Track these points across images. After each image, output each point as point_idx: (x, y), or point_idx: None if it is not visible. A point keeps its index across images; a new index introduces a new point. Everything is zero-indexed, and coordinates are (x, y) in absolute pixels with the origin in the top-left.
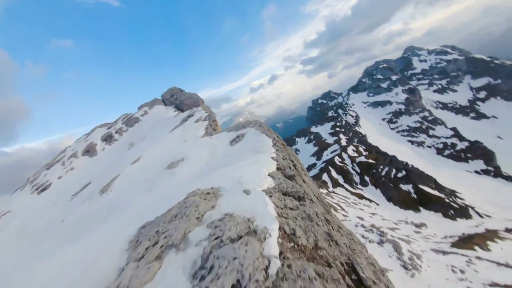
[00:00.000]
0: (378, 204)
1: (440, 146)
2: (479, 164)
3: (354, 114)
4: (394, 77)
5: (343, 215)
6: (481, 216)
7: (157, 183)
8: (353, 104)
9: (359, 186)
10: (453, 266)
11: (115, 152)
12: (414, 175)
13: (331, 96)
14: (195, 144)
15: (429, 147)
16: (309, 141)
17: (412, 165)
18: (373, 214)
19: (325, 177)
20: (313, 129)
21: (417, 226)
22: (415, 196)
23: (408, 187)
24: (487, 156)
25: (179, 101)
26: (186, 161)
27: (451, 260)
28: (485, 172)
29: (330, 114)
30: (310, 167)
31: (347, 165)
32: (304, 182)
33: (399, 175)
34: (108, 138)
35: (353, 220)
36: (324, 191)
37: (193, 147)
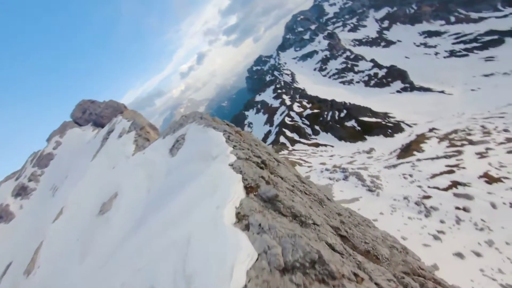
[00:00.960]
0: (333, 146)
1: (366, 78)
2: (398, 84)
3: (289, 73)
4: (312, 27)
5: (308, 166)
6: (410, 126)
7: (91, 242)
8: (285, 63)
9: (313, 137)
10: (404, 174)
11: (37, 205)
12: (353, 111)
13: (263, 61)
14: (127, 168)
15: (358, 82)
16: (257, 111)
17: (349, 103)
18: (331, 156)
19: (282, 139)
20: (258, 98)
21: (367, 152)
22: (359, 128)
23: (351, 122)
24: (402, 76)
25: (96, 115)
26: (120, 197)
27: (401, 170)
28: (404, 89)
29: (268, 78)
30: (266, 135)
31: (297, 121)
32: (283, 179)
33: (342, 115)
34: (21, 192)
35: (317, 167)
36: (285, 152)
37: (125, 173)
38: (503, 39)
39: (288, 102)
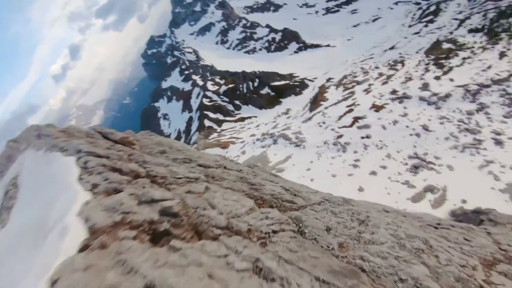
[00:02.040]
0: (256, 116)
1: (266, 45)
2: (294, 45)
3: (191, 50)
4: None
5: (241, 142)
6: (312, 81)
7: None
8: (184, 40)
9: (236, 112)
10: (318, 123)
11: None
12: (264, 78)
13: (157, 42)
14: None
15: (260, 49)
16: (169, 100)
17: (258, 71)
18: (257, 126)
19: (207, 123)
20: (164, 84)
21: (286, 113)
22: (273, 94)
23: (265, 89)
24: (295, 37)
25: None
26: None
27: (315, 120)
28: (299, 49)
29: (169, 61)
30: (189, 123)
31: (216, 100)
32: (227, 232)
33: (255, 84)
34: None
35: (249, 140)
36: (214, 135)
37: None
38: None
39: (200, 82)
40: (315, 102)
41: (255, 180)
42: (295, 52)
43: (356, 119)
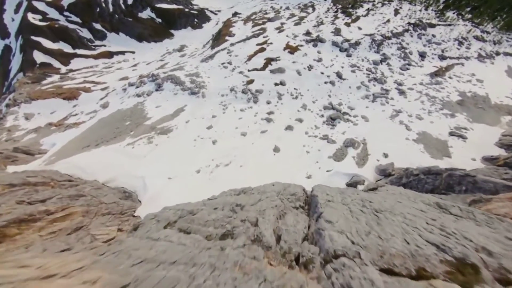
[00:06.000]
0: (133, 52)
1: None
2: None
3: None
4: None
5: (102, 89)
6: (215, 14)
7: None
8: None
9: (97, 42)
10: (222, 63)
11: None
12: None
13: None
14: None
15: None
16: None
17: None
18: (134, 66)
19: (39, 57)
20: None
21: (179, 50)
22: (159, 20)
23: (147, 12)
24: None
25: None
26: None
27: (218, 59)
28: None
29: None
30: (5, 59)
31: (57, 19)
32: None
33: (129, 1)
34: None
35: (117, 86)
36: (54, 78)
37: None
38: None
39: None
40: (219, 38)
41: None
42: None
43: (269, 60)
